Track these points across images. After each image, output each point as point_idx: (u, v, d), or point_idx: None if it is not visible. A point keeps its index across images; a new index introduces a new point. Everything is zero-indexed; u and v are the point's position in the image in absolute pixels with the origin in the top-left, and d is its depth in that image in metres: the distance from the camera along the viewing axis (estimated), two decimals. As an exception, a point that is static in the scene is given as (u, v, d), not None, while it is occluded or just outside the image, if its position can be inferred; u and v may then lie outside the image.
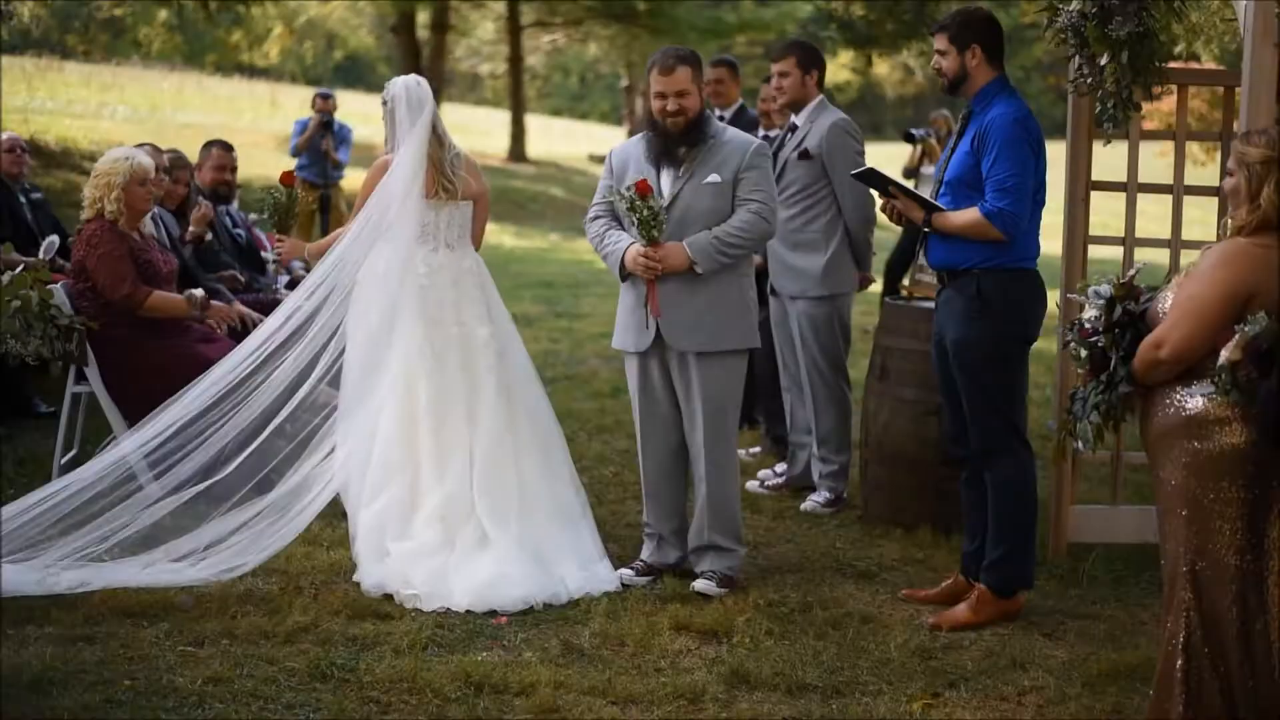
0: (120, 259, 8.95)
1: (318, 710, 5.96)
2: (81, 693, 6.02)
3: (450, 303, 8.19)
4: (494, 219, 31.37)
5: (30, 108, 34.49)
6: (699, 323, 7.47)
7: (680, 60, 7.58)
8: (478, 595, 7.38)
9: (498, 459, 8.05)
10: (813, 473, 9.40)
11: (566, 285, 21.33)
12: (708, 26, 39.27)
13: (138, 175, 9.06)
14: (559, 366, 14.05)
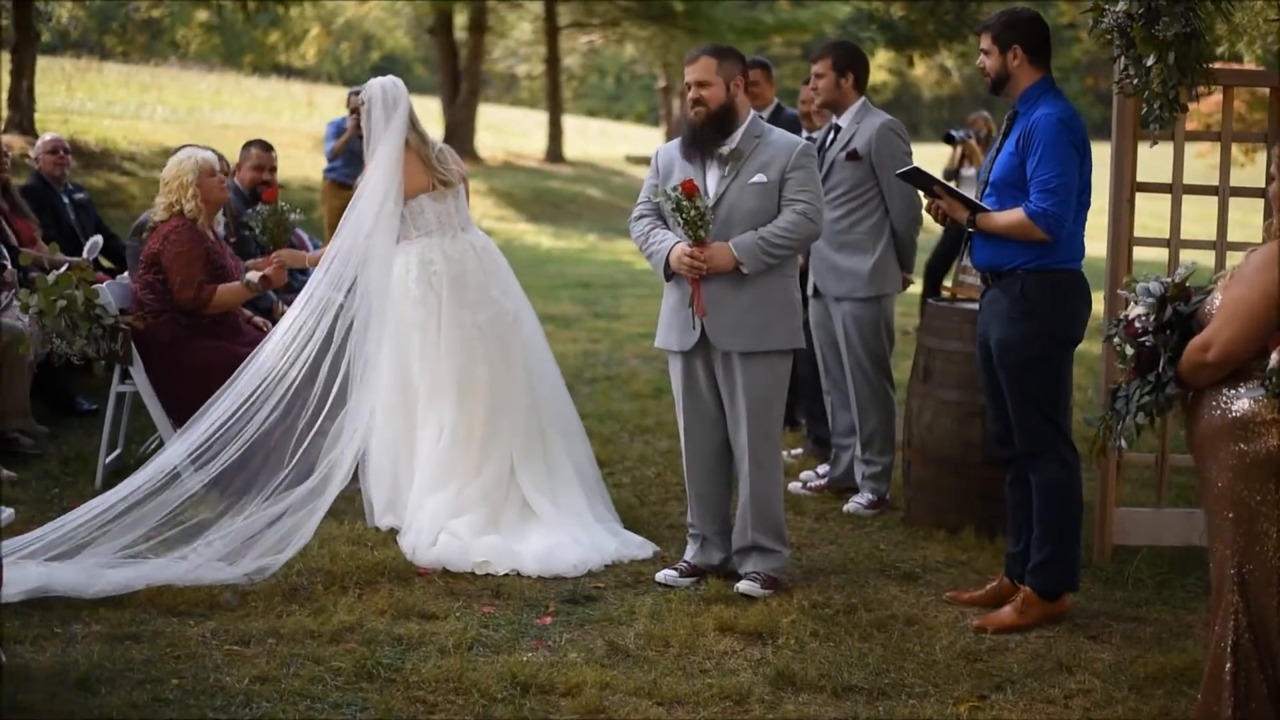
0: (193, 260, 9.04)
1: (364, 710, 5.97)
2: (129, 691, 6.04)
3: (481, 283, 8.57)
4: (531, 219, 31.71)
5: (70, 108, 34.67)
6: (743, 322, 7.45)
7: (705, 51, 7.64)
8: (543, 562, 7.87)
9: (531, 432, 8.52)
10: (855, 474, 9.38)
11: (605, 286, 21.31)
12: (745, 27, 39.25)
13: (205, 168, 9.19)
14: (599, 367, 14.04)
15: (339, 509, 8.57)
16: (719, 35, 37.67)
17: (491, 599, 7.40)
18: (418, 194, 8.56)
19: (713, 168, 7.56)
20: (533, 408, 8.63)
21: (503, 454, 8.47)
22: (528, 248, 27.79)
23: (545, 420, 8.70)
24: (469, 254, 8.65)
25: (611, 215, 34.91)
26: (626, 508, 8.92)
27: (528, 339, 8.82)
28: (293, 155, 25.74)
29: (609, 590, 7.59)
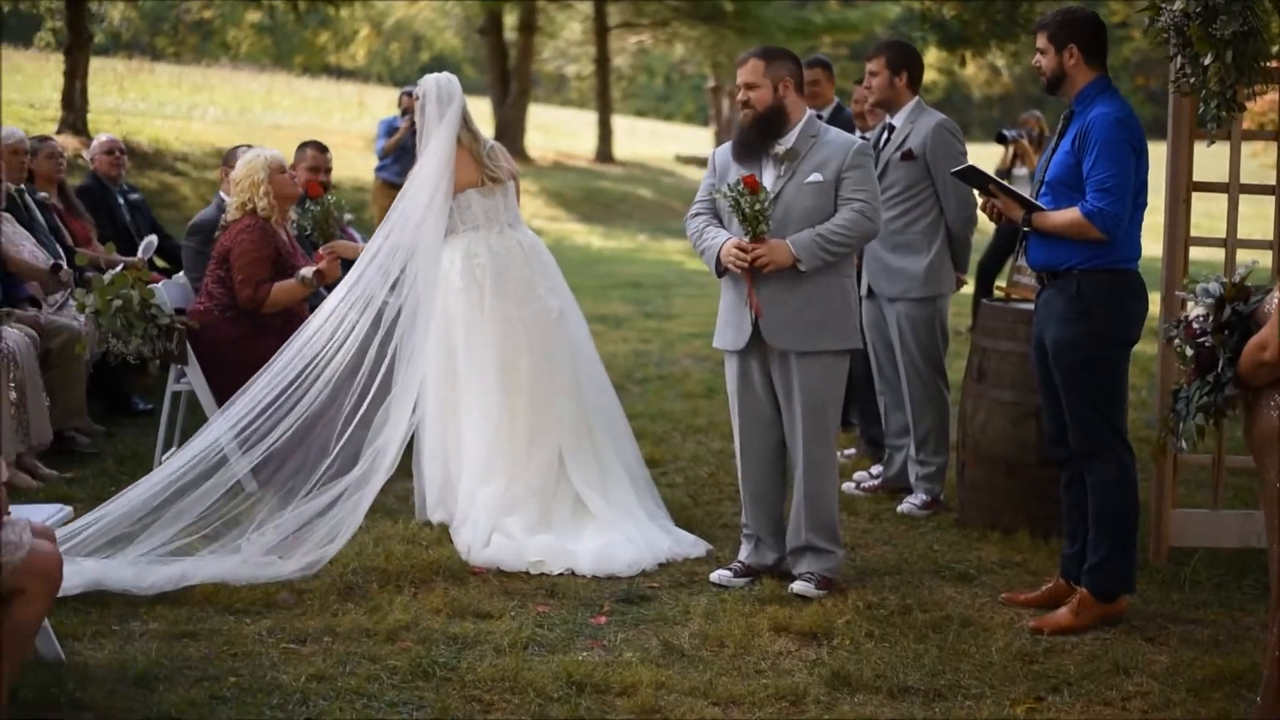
0: (258, 261, 9.11)
1: (420, 709, 5.98)
2: (187, 688, 6.07)
3: (526, 279, 8.67)
4: (582, 219, 31.74)
5: (122, 109, 34.85)
6: (799, 322, 7.43)
7: (754, 53, 7.66)
8: (597, 562, 7.90)
9: (579, 429, 8.60)
10: (909, 474, 9.36)
11: (656, 285, 21.32)
12: (794, 27, 39.23)
13: (276, 165, 9.29)
14: (650, 367, 14.04)
15: (393, 507, 8.64)
16: (768, 35, 37.67)
17: (546, 598, 7.41)
18: (466, 189, 8.67)
19: (769, 167, 7.55)
20: (579, 405, 8.69)
21: (549, 447, 8.54)
22: (578, 248, 27.82)
23: (593, 418, 8.75)
24: (515, 250, 8.76)
25: (662, 215, 34.92)
26: (680, 507, 8.92)
27: (574, 338, 8.89)
28: (344, 155, 25.84)
29: (663, 590, 7.59)
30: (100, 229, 11.97)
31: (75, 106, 28.12)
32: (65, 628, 6.61)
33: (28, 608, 5.35)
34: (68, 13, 29.82)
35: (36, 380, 9.28)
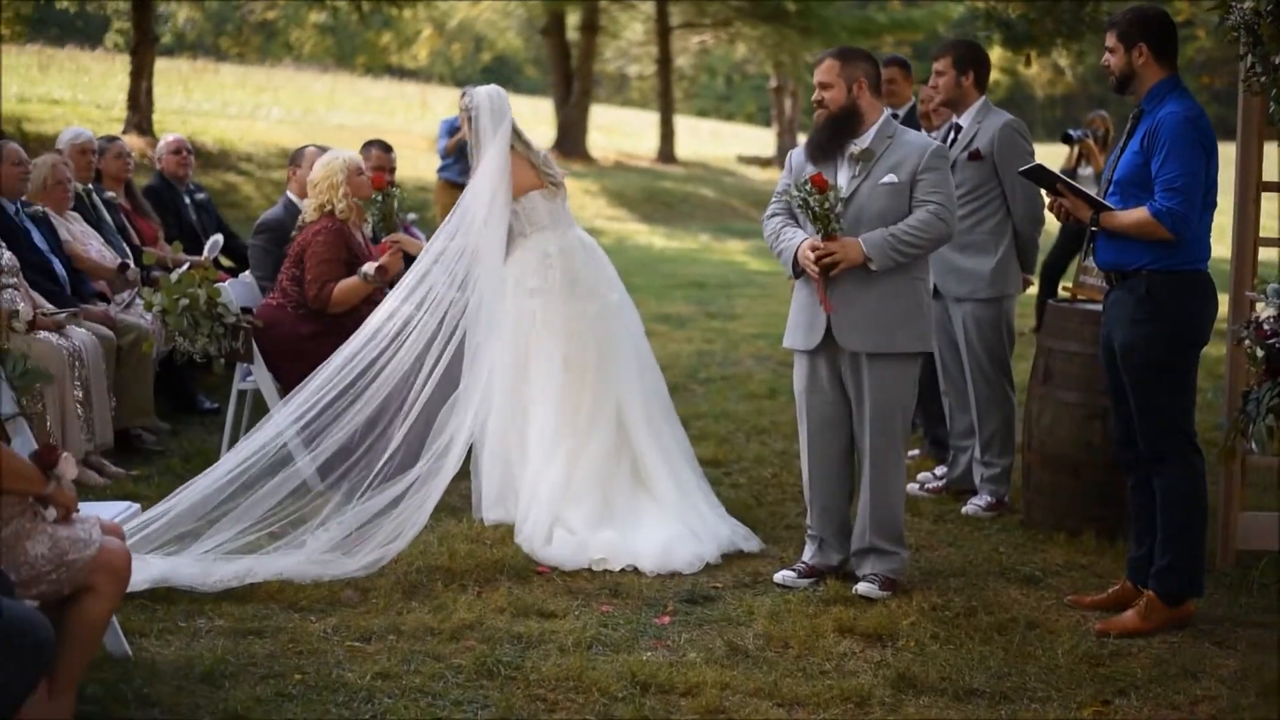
0: (330, 261, 9.18)
1: (485, 707, 5.99)
2: (253, 686, 6.10)
3: (591, 275, 8.83)
4: (644, 219, 31.76)
5: (187, 109, 35.08)
6: (871, 323, 7.39)
7: (830, 53, 7.69)
8: (659, 560, 7.93)
9: (638, 421, 8.67)
10: (974, 476, 9.31)
11: (718, 286, 21.27)
12: (857, 26, 39.10)
13: (353, 166, 9.36)
14: (713, 367, 14.02)
15: (456, 506, 8.66)
16: (831, 35, 37.60)
17: (609, 598, 7.41)
18: (529, 192, 8.79)
19: (844, 167, 7.51)
20: (642, 393, 8.81)
21: (610, 435, 8.62)
22: (640, 247, 27.83)
23: (652, 406, 8.87)
24: (578, 248, 8.92)
25: (724, 215, 34.89)
26: (744, 508, 8.91)
27: (632, 329, 9.02)
28: (407, 155, 25.91)
29: (727, 590, 7.57)
30: (166, 228, 12.05)
31: (141, 107, 28.32)
32: (132, 624, 6.66)
33: (98, 604, 5.38)
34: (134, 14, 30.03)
35: (102, 379, 9.34)
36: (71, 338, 9.15)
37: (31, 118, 28.13)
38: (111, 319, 9.73)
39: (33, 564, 5.24)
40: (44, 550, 5.27)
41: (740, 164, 45.92)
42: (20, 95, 32.33)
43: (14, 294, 8.95)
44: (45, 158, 10.34)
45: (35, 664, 4.60)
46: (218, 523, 7.59)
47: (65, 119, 27.53)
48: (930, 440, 10.23)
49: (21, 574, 5.20)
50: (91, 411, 9.16)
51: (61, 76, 37.88)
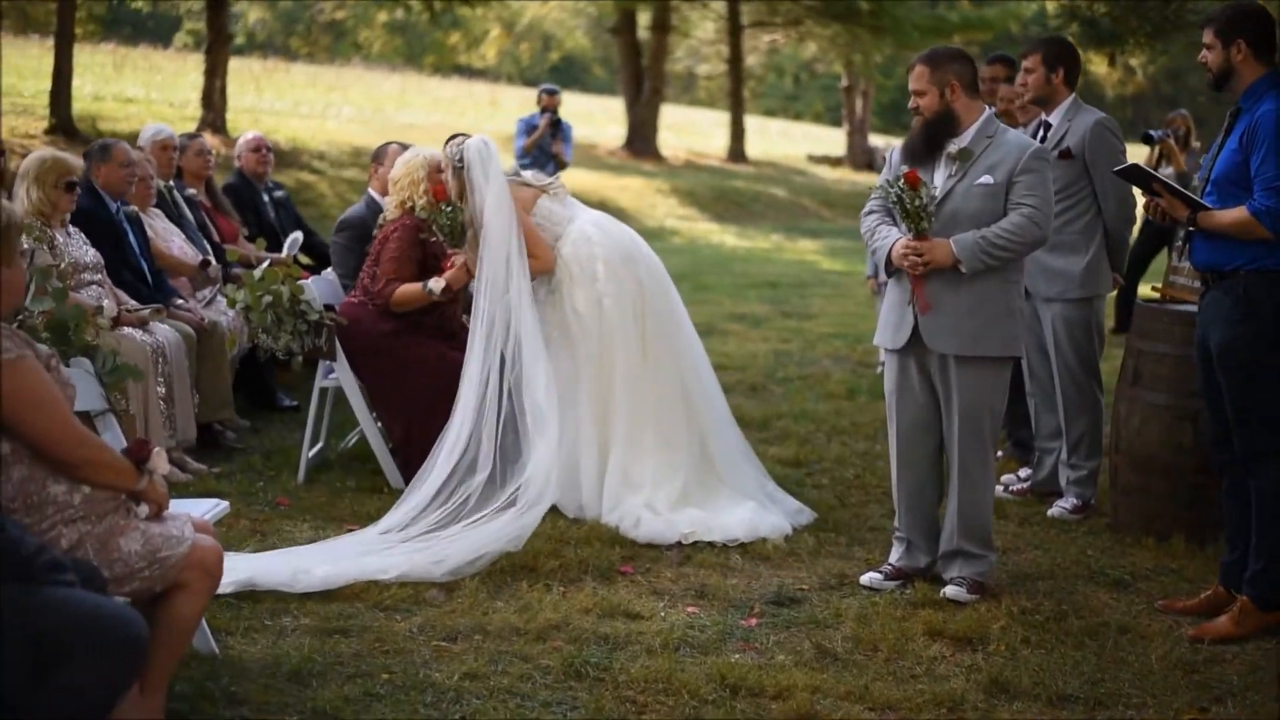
0: (401, 260, 9.16)
1: (575, 709, 5.95)
2: (340, 685, 6.07)
3: (629, 246, 9.11)
4: (714, 219, 31.76)
5: (259, 108, 35.27)
6: (960, 325, 7.30)
7: (922, 59, 7.52)
8: (748, 529, 8.30)
9: (709, 403, 9.01)
10: (1060, 478, 9.20)
11: (792, 285, 21.19)
12: (929, 25, 38.94)
13: (434, 164, 9.32)
14: (791, 367, 13.95)
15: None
16: (903, 34, 37.50)
17: (695, 599, 7.35)
18: (535, 200, 9.07)
19: (941, 166, 7.42)
20: (703, 391, 9.05)
21: (679, 401, 8.91)
22: (712, 246, 27.81)
23: (714, 391, 9.18)
24: (603, 219, 9.28)
25: (795, 214, 34.82)
26: (827, 509, 8.86)
27: (678, 310, 9.25)
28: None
29: (813, 592, 7.50)
30: (246, 226, 12.09)
31: (215, 105, 28.49)
32: (218, 622, 6.65)
33: (190, 602, 5.36)
34: (208, 14, 30.21)
35: (185, 375, 9.37)
36: (155, 334, 9.18)
37: (106, 116, 28.33)
38: (199, 320, 9.75)
39: (126, 560, 5.23)
40: (137, 547, 5.26)
41: (810, 163, 45.84)
42: (95, 94, 32.56)
43: (98, 290, 8.98)
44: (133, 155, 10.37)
45: (131, 662, 4.58)
46: None
47: (139, 118, 27.73)
48: (1014, 442, 10.13)
49: (114, 571, 5.19)
50: (174, 407, 9.19)
51: (135, 75, 38.18)
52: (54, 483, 5.17)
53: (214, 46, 29.47)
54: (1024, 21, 40.69)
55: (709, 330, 15.81)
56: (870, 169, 44.64)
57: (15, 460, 5.11)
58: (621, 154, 39.14)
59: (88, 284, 8.92)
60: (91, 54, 39.13)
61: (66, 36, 26.52)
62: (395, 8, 40.86)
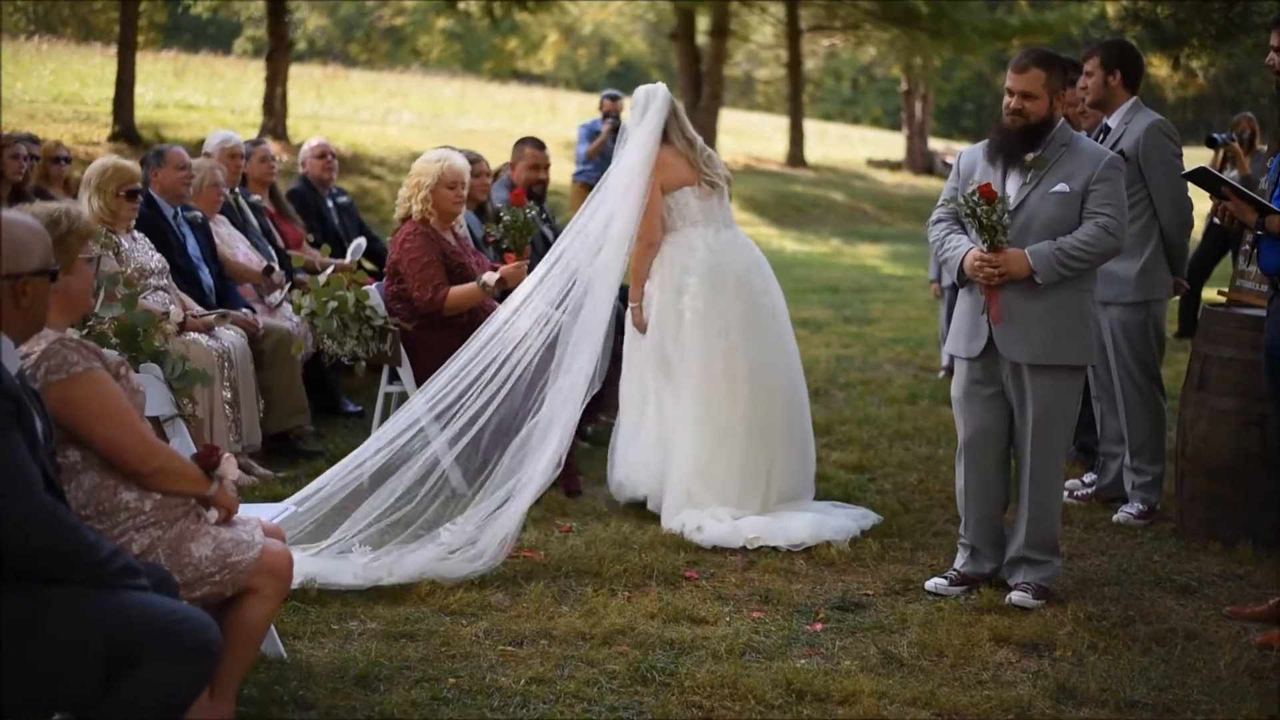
0: (428, 265, 9.13)
1: (641, 714, 5.95)
2: (408, 689, 6.10)
3: (740, 275, 8.87)
4: (774, 223, 31.73)
5: (320, 114, 35.44)
6: (1034, 333, 7.25)
7: (1036, 61, 7.37)
8: (812, 533, 8.33)
9: (789, 422, 8.93)
10: (1125, 483, 9.16)
11: (853, 290, 21.17)
12: (989, 29, 38.72)
13: (446, 178, 9.26)
14: (852, 372, 13.92)
15: (603, 511, 8.67)
16: (963, 37, 37.33)
17: (760, 604, 7.34)
18: (681, 187, 8.86)
19: (1014, 174, 7.35)
20: (790, 399, 8.95)
21: (764, 439, 8.77)
22: (772, 251, 27.63)
23: (802, 414, 9.04)
24: (730, 248, 8.94)
25: (855, 219, 34.75)
26: (890, 514, 8.83)
27: (784, 336, 9.06)
28: (539, 159, 26.10)
29: (878, 598, 7.49)
30: (310, 232, 12.15)
31: (276, 112, 28.65)
32: (285, 626, 6.69)
33: (259, 607, 5.40)
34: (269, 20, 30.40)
35: (250, 380, 9.43)
36: (220, 339, 9.24)
37: (168, 123, 28.53)
38: (255, 324, 9.79)
39: (196, 565, 5.27)
40: (207, 552, 5.31)
41: (870, 168, 45.74)
42: (157, 101, 32.81)
43: (164, 296, 9.04)
44: (201, 161, 10.44)
45: (205, 667, 4.62)
46: (353, 513, 7.72)
47: (201, 124, 27.92)
48: (1078, 447, 10.06)
49: (185, 575, 5.23)
50: (240, 412, 9.25)
51: (196, 82, 38.43)
52: (125, 489, 5.22)
53: (275, 53, 29.64)
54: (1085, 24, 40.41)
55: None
56: (930, 173, 44.50)
57: (86, 468, 5.17)
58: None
59: (154, 289, 8.99)
60: (153, 61, 39.42)
61: (129, 44, 26.74)
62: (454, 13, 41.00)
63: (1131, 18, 19.44)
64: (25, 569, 4.41)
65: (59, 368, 5.00)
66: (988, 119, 8.07)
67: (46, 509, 4.38)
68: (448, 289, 9.16)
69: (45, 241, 4.63)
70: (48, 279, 4.61)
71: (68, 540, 4.45)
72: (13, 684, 4.39)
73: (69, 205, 5.35)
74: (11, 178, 10.85)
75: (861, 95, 74.57)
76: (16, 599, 4.41)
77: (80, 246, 5.21)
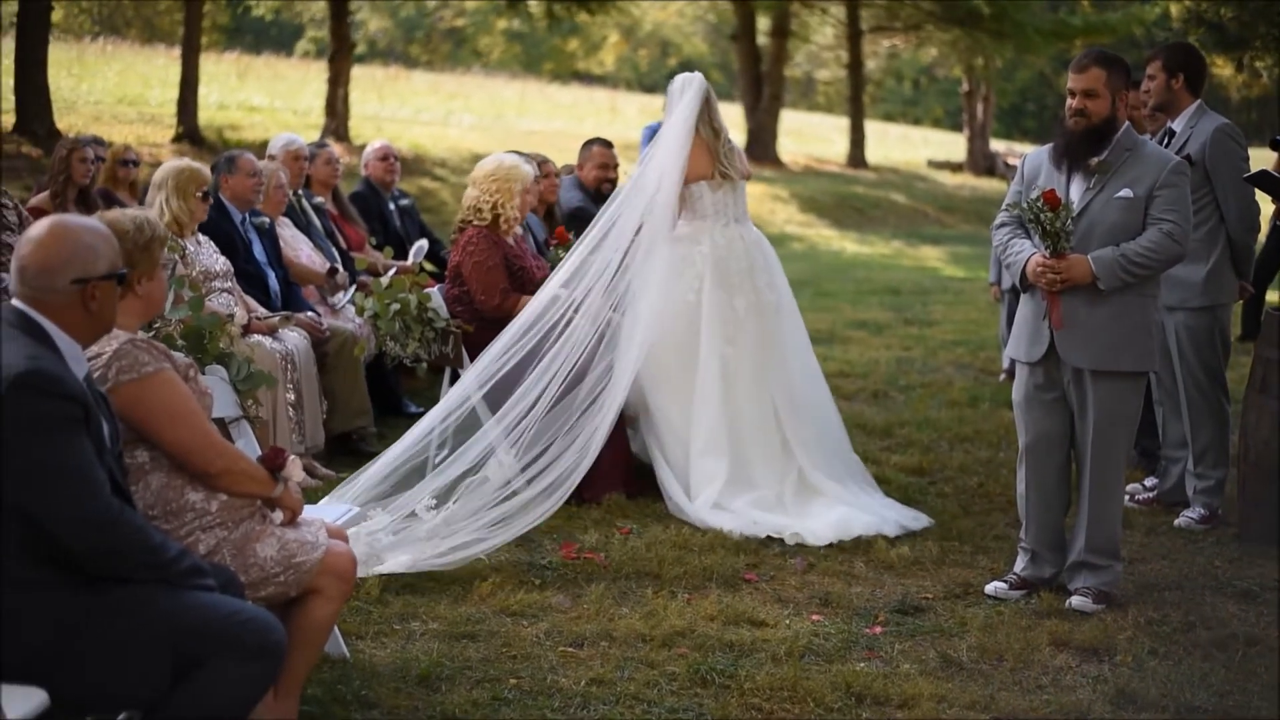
0: (493, 269, 9.19)
1: (701, 716, 5.98)
2: (469, 689, 6.15)
3: (745, 271, 9.08)
4: (835, 224, 31.71)
5: (381, 115, 35.60)
6: (1096, 339, 7.23)
7: (1096, 60, 7.33)
8: (837, 528, 8.43)
9: (798, 416, 9.06)
10: (1186, 488, 9.11)
11: (914, 292, 21.10)
12: (1052, 29, 38.63)
13: (529, 181, 9.34)
14: (913, 374, 13.88)
15: (662, 513, 8.69)
16: (1025, 38, 37.27)
17: (820, 607, 7.35)
18: (698, 180, 9.06)
19: (1078, 178, 7.33)
20: (797, 393, 9.12)
21: (772, 432, 8.97)
22: (832, 253, 27.77)
23: (813, 408, 9.22)
24: (737, 243, 9.14)
25: (916, 221, 34.67)
26: (950, 518, 8.84)
27: (790, 330, 9.26)
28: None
29: (937, 601, 7.48)
30: (372, 234, 12.21)
31: (338, 114, 28.82)
32: (348, 626, 6.76)
33: (324, 607, 5.45)
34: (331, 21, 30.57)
35: (314, 382, 9.51)
36: (284, 341, 9.32)
37: (231, 124, 28.72)
38: (319, 326, 9.87)
39: (262, 566, 5.33)
40: (272, 553, 5.36)
41: (931, 169, 45.61)
42: (220, 102, 33.03)
43: (228, 298, 9.12)
44: (266, 164, 10.51)
45: (270, 667, 4.67)
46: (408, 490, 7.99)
47: (264, 126, 28.11)
48: (1140, 451, 10.02)
49: (251, 576, 5.29)
50: (303, 414, 9.32)
51: (259, 84, 38.70)
52: (192, 490, 5.28)
53: (336, 55, 29.83)
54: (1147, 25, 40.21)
55: (830, 337, 15.80)
56: (991, 174, 44.33)
57: (154, 468, 5.24)
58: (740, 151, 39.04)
59: (218, 292, 9.06)
60: (216, 63, 39.70)
61: (193, 46, 26.97)
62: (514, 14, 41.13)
63: (1195, 20, 19.33)
64: (93, 570, 4.48)
65: (130, 367, 5.08)
66: (1050, 120, 8.04)
67: (113, 511, 4.45)
68: (518, 296, 9.22)
69: (113, 245, 4.69)
70: (115, 283, 4.67)
71: (134, 542, 4.51)
72: (81, 682, 4.46)
73: (148, 213, 5.43)
74: (79, 180, 11.00)
75: (923, 96, 74.31)
76: (85, 599, 4.48)
77: (160, 252, 5.30)
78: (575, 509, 8.67)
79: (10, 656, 4.38)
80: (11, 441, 4.31)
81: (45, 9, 24.63)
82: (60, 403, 4.38)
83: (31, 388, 4.33)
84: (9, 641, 4.38)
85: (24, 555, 4.41)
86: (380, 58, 57.60)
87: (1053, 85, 60.98)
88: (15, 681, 4.35)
